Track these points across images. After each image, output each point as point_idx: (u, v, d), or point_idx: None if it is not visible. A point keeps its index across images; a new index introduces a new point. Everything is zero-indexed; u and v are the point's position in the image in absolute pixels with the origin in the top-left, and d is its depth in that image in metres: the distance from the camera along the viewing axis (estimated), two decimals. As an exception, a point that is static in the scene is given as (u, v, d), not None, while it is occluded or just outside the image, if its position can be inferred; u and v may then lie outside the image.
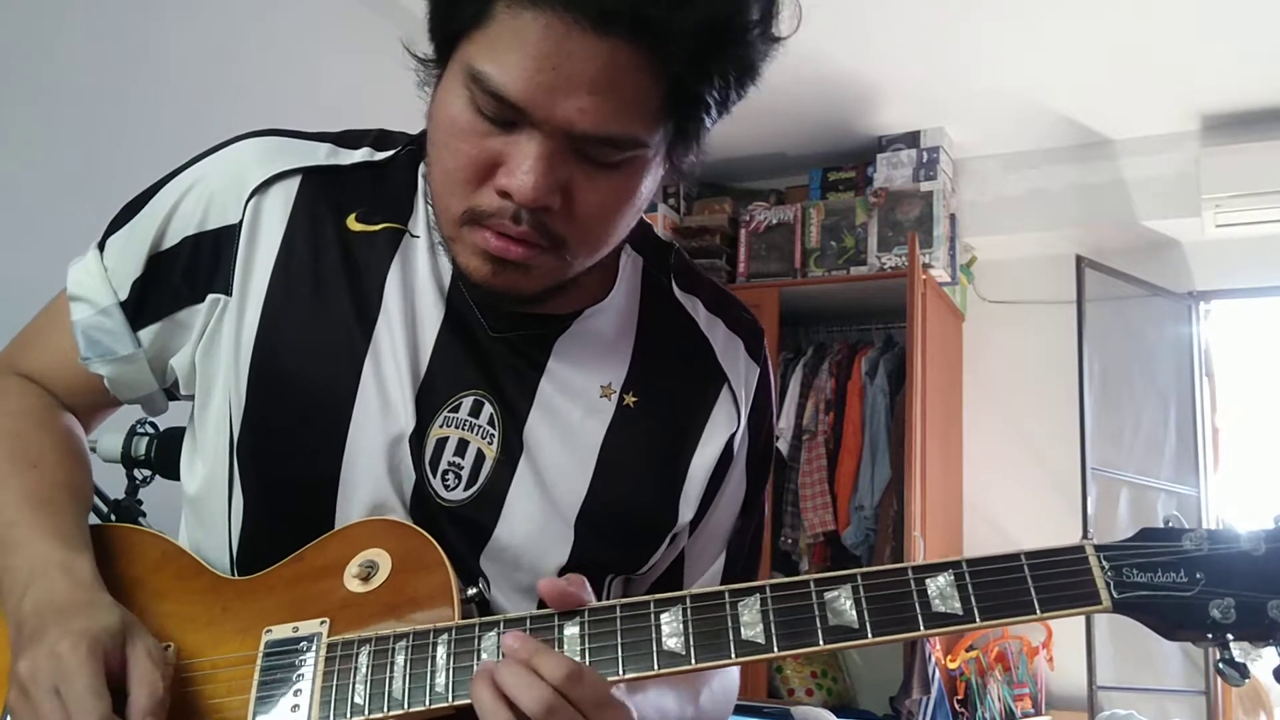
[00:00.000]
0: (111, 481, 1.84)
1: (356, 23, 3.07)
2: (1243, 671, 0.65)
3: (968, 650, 3.60)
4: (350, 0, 3.06)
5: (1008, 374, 3.99)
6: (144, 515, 1.82)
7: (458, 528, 0.81)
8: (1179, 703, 3.49)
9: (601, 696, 0.68)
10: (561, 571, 0.82)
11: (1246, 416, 3.80)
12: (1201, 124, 3.68)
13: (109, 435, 1.77)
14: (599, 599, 0.75)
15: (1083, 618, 3.31)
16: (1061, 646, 3.60)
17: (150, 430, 1.66)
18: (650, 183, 0.78)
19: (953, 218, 3.91)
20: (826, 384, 3.84)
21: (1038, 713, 3.53)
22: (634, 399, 0.87)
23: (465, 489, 0.82)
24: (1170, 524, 0.68)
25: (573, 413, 0.85)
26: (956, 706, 3.46)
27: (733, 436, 0.90)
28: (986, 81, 3.52)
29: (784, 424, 3.83)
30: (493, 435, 0.83)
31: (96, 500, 1.80)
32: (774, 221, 4.05)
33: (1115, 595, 0.66)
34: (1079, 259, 3.64)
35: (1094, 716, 3.32)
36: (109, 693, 0.70)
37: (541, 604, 0.81)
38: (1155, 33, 3.15)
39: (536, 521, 0.82)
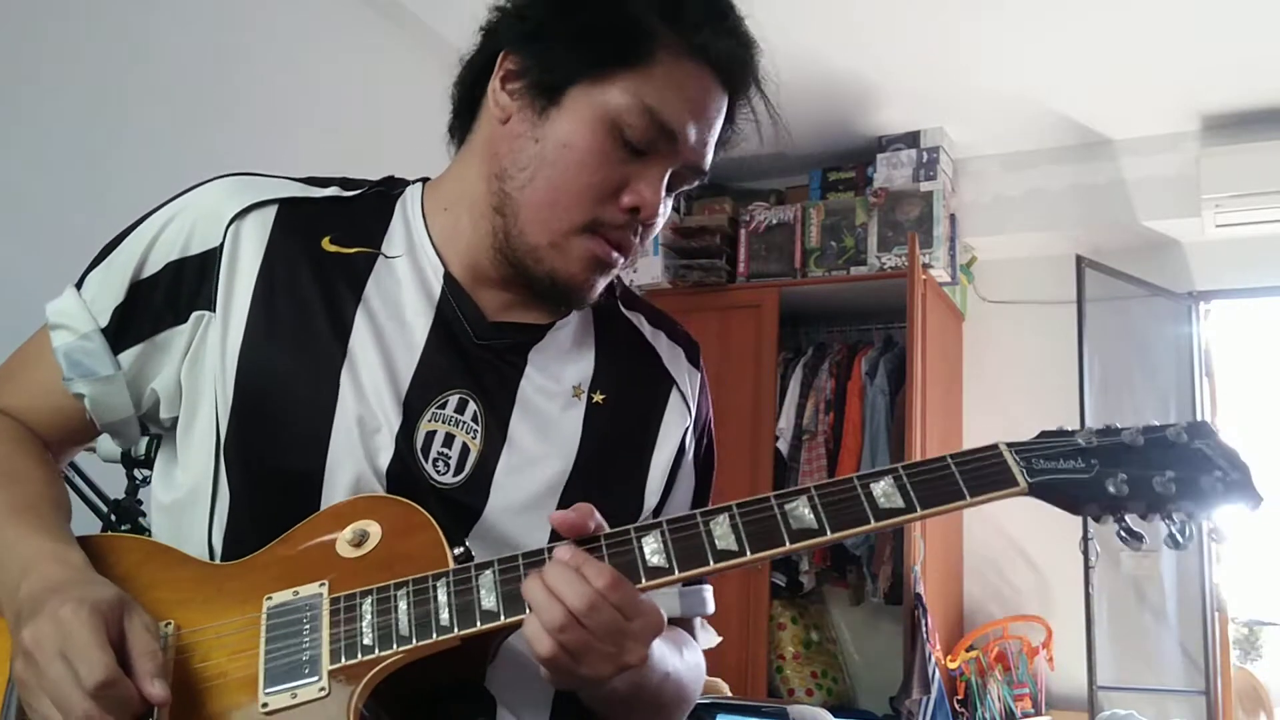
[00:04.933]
0: (112, 482, 1.84)
1: (357, 23, 3.07)
2: (1139, 538, 0.79)
3: (968, 650, 3.60)
4: (351, 1, 3.06)
5: (1008, 374, 3.99)
6: (144, 515, 1.82)
7: (446, 508, 0.86)
8: (1179, 703, 3.49)
9: (636, 599, 0.76)
10: None
11: (1246, 416, 3.80)
12: (1201, 124, 3.68)
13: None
14: None
15: (1082, 616, 3.34)
16: (1061, 646, 3.60)
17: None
18: None
19: (953, 218, 3.91)
20: (826, 384, 3.84)
21: (1038, 713, 3.53)
22: (601, 397, 0.97)
23: (455, 474, 0.89)
24: (1061, 427, 0.83)
25: (551, 409, 0.95)
26: (956, 706, 3.46)
27: (685, 432, 1.02)
28: (986, 81, 3.52)
29: (784, 424, 3.83)
30: (476, 430, 0.91)
31: (97, 500, 1.81)
32: (774, 221, 4.05)
33: (1029, 480, 0.79)
34: (1079, 259, 3.64)
35: (1094, 716, 3.32)
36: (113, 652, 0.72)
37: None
38: (1155, 33, 3.15)
39: (520, 505, 0.90)
